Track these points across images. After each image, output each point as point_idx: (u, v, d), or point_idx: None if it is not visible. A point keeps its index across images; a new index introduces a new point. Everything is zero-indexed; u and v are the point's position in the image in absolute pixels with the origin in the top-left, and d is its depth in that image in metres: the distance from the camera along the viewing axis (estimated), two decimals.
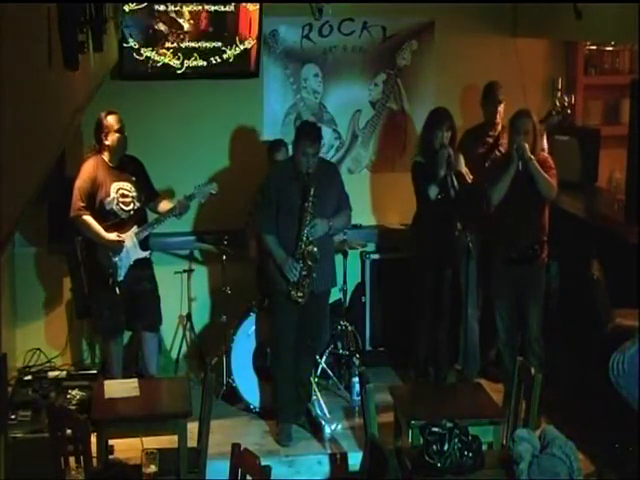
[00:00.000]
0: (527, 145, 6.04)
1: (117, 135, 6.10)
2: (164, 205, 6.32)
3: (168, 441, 5.17)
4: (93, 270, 6.20)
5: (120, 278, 6.15)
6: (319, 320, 6.21)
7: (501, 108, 6.70)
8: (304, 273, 5.93)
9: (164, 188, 6.67)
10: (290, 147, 6.54)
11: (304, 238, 5.91)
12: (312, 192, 5.85)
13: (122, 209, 6.16)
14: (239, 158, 7.16)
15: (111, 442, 5.32)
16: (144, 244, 6.26)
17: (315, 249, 5.91)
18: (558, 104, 6.87)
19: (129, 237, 6.16)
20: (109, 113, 6.12)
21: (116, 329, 6.31)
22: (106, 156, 6.15)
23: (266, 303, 6.40)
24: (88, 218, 6.09)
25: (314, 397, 6.42)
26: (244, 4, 6.71)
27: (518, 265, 6.20)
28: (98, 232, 6.10)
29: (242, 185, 6.86)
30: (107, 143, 6.11)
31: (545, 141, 6.47)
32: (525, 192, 6.10)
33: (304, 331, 6.13)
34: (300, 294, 5.96)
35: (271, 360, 6.30)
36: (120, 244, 6.12)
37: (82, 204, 6.08)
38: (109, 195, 6.13)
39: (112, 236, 6.11)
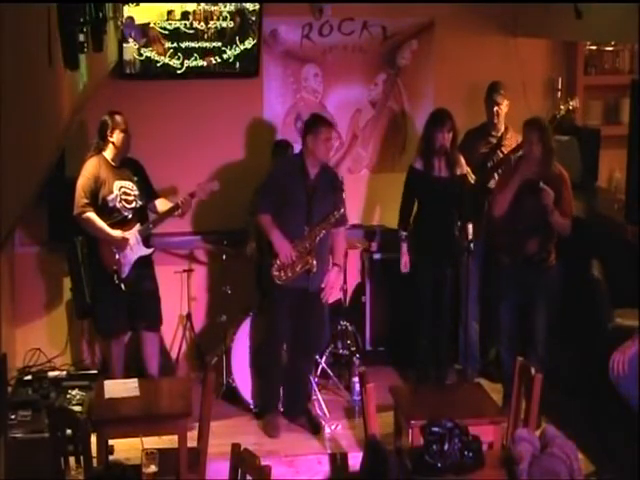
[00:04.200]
0: (551, 201, 5.88)
1: (123, 134, 6.12)
2: (164, 206, 6.32)
3: (168, 441, 5.18)
4: (96, 269, 6.21)
5: (124, 275, 6.16)
6: (317, 319, 6.21)
7: (499, 109, 6.68)
8: (294, 260, 5.94)
9: (164, 188, 6.66)
10: (294, 147, 6.57)
11: (308, 235, 5.94)
12: (319, 192, 5.89)
13: (125, 207, 6.16)
14: (239, 158, 7.16)
15: (111, 442, 5.31)
16: (146, 242, 6.27)
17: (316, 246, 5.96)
18: (563, 108, 6.84)
19: (132, 234, 6.16)
20: (115, 113, 6.13)
21: (118, 329, 6.31)
22: (109, 155, 6.15)
23: (266, 302, 6.40)
24: (92, 215, 6.08)
25: (314, 397, 6.43)
26: (244, 4, 6.71)
27: (526, 268, 6.13)
28: (103, 229, 6.09)
29: (242, 185, 6.85)
30: (113, 141, 6.11)
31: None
32: (535, 199, 6.01)
33: (302, 330, 6.13)
34: (280, 275, 5.96)
35: (262, 349, 6.31)
36: (124, 241, 6.12)
37: (86, 200, 6.07)
38: (112, 192, 6.12)
39: (117, 233, 6.12)
